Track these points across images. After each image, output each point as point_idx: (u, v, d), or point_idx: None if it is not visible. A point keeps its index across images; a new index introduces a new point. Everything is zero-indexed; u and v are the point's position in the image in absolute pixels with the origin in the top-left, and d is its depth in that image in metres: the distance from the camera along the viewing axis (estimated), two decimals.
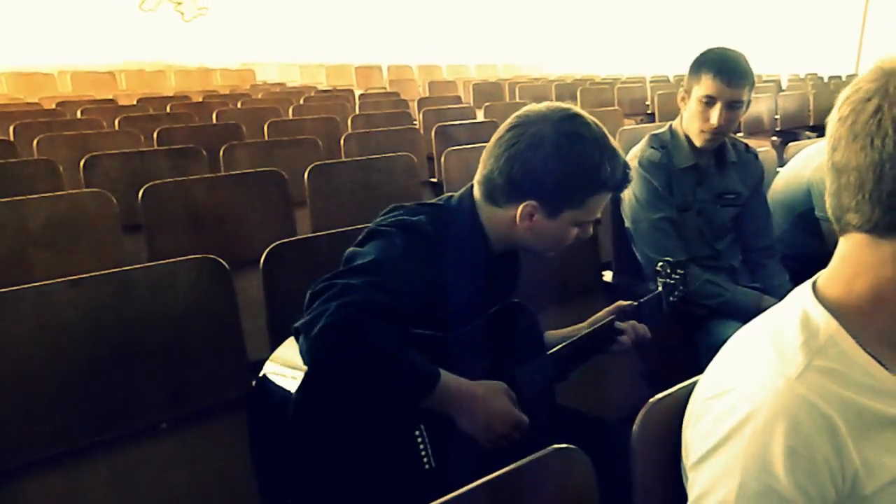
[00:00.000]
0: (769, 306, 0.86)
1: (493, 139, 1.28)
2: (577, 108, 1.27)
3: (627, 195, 2.04)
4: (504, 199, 1.26)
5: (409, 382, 1.08)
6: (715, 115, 1.89)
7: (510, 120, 1.26)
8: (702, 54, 1.92)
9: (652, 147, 2.02)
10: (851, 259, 0.77)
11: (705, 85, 1.88)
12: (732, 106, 1.89)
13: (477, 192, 1.31)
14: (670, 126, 2.06)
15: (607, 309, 1.48)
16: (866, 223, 0.74)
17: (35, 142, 3.27)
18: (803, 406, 0.70)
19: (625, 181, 1.27)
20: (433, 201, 1.36)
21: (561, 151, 1.20)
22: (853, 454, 0.70)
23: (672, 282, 1.59)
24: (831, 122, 0.76)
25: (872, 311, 0.75)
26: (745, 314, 1.82)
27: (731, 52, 1.91)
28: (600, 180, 1.23)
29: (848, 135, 0.73)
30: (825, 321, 0.76)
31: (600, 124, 1.26)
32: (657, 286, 1.59)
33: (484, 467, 0.82)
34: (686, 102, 1.97)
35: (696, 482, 0.76)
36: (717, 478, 0.73)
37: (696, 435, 0.79)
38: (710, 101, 1.89)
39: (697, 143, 1.97)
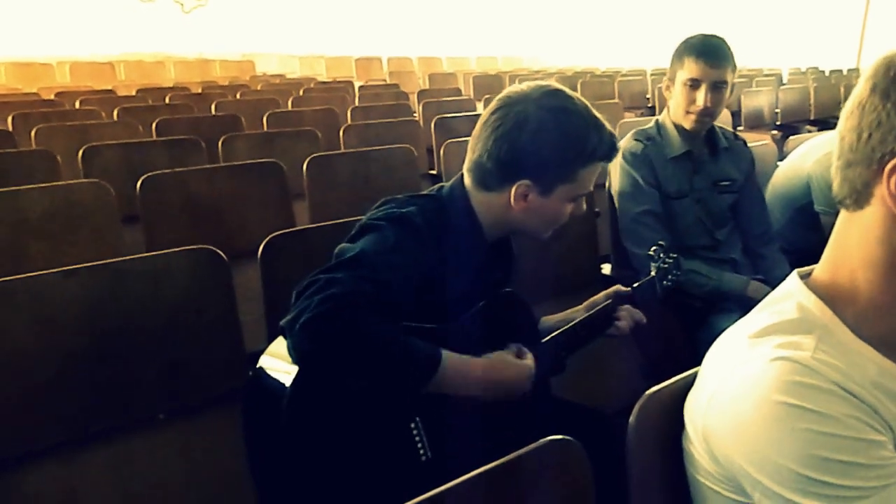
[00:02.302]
0: (759, 293, 0.85)
1: (478, 124, 1.28)
2: (558, 84, 1.27)
3: (615, 189, 2.05)
4: (496, 183, 1.26)
5: (406, 367, 1.07)
6: (701, 96, 1.91)
7: (493, 103, 1.26)
8: (682, 41, 1.96)
9: (635, 139, 2.04)
10: (836, 239, 0.77)
11: (689, 68, 1.91)
12: (717, 87, 1.91)
13: (468, 180, 1.30)
14: (656, 120, 2.08)
15: (605, 292, 1.48)
16: (839, 193, 0.74)
17: (33, 132, 3.27)
18: (824, 378, 0.69)
19: (612, 150, 1.27)
20: (424, 193, 1.35)
21: (547, 127, 1.20)
22: (889, 420, 0.69)
23: (665, 266, 1.60)
24: None
25: (854, 298, 0.75)
26: (734, 300, 1.85)
27: (711, 36, 1.94)
28: (589, 151, 1.23)
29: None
30: (820, 311, 0.75)
31: (583, 98, 1.27)
32: (651, 271, 1.59)
33: (480, 458, 0.82)
34: (671, 91, 1.99)
35: (766, 492, 0.72)
36: (781, 477, 0.69)
37: (715, 444, 0.76)
38: (694, 84, 1.91)
39: (686, 126, 1.98)
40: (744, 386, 0.73)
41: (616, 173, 2.04)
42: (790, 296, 0.79)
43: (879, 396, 0.70)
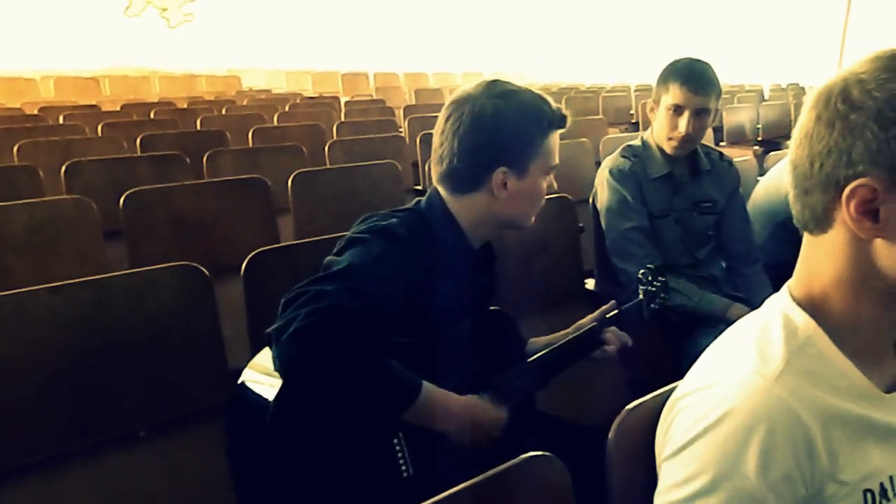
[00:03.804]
0: (737, 315, 0.88)
1: (435, 135, 1.32)
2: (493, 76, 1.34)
3: (602, 205, 2.06)
4: (473, 181, 1.28)
5: (385, 392, 1.08)
6: (683, 123, 1.92)
7: (444, 111, 1.31)
8: (669, 65, 1.97)
9: (623, 156, 2.06)
10: (805, 260, 0.80)
11: (673, 94, 1.92)
12: (700, 114, 1.92)
13: (442, 191, 1.32)
14: (642, 137, 2.09)
15: (590, 316, 1.49)
16: (801, 219, 0.77)
17: (16, 147, 3.25)
18: (780, 409, 0.71)
19: (564, 118, 1.32)
20: (402, 207, 1.36)
21: (503, 111, 1.25)
22: (823, 457, 0.71)
23: (653, 289, 1.60)
24: None
25: (829, 315, 0.77)
26: (712, 322, 1.85)
27: (697, 61, 1.95)
28: (546, 119, 1.28)
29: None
30: (804, 322, 0.77)
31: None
32: (638, 293, 1.59)
33: (461, 475, 0.82)
34: (655, 113, 2.01)
35: (669, 473, 0.77)
36: (691, 472, 0.73)
37: (673, 429, 0.79)
38: (677, 110, 1.93)
39: (667, 150, 2.00)
40: (709, 397, 0.76)
41: (603, 189, 2.05)
42: (776, 307, 0.81)
43: (829, 424, 0.72)
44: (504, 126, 1.24)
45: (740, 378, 0.74)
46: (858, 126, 0.68)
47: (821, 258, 0.76)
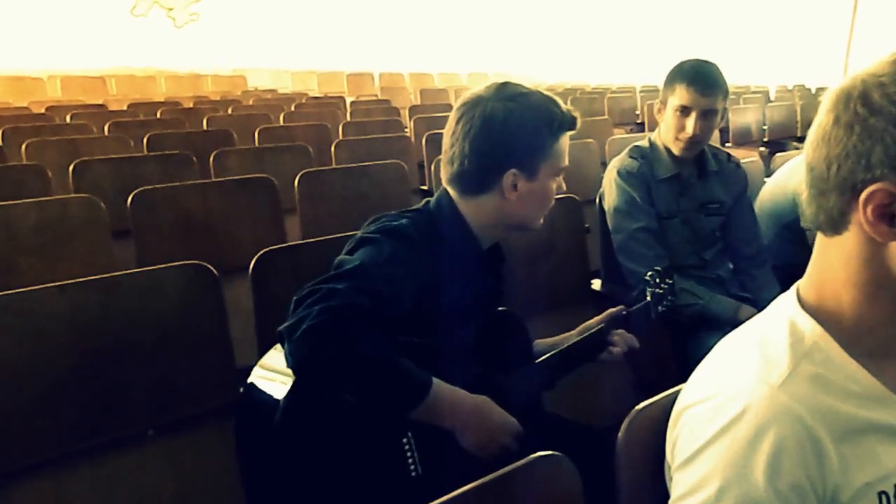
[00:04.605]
0: (747, 316, 0.87)
1: (446, 137, 1.32)
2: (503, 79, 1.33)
3: (610, 206, 2.06)
4: (483, 184, 1.29)
5: (396, 390, 1.08)
6: (690, 124, 1.92)
7: (454, 113, 1.31)
8: (676, 66, 1.97)
9: (631, 157, 2.05)
10: (817, 261, 0.79)
11: (680, 95, 1.92)
12: (707, 115, 1.92)
13: (452, 193, 1.33)
14: (650, 138, 2.09)
15: (598, 317, 1.49)
16: (815, 220, 0.76)
17: (24, 146, 3.26)
18: (787, 416, 0.71)
19: (574, 120, 1.32)
20: (412, 208, 1.37)
21: (514, 113, 1.25)
22: (834, 462, 0.71)
23: (661, 291, 1.60)
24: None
25: (841, 316, 0.76)
26: (721, 324, 1.85)
27: (704, 62, 1.95)
28: (557, 122, 1.29)
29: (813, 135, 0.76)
30: (810, 327, 0.77)
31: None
32: (646, 295, 1.59)
33: (470, 474, 0.82)
34: (662, 114, 2.01)
35: (678, 483, 0.77)
36: (699, 480, 0.73)
37: (682, 439, 0.79)
38: (684, 111, 1.93)
39: (675, 152, 2.00)
40: (714, 407, 0.76)
41: (611, 190, 2.05)
42: (782, 312, 0.81)
43: (839, 429, 0.72)
44: (515, 128, 1.24)
45: (746, 386, 0.74)
46: (878, 130, 0.68)
47: (834, 260, 0.76)
